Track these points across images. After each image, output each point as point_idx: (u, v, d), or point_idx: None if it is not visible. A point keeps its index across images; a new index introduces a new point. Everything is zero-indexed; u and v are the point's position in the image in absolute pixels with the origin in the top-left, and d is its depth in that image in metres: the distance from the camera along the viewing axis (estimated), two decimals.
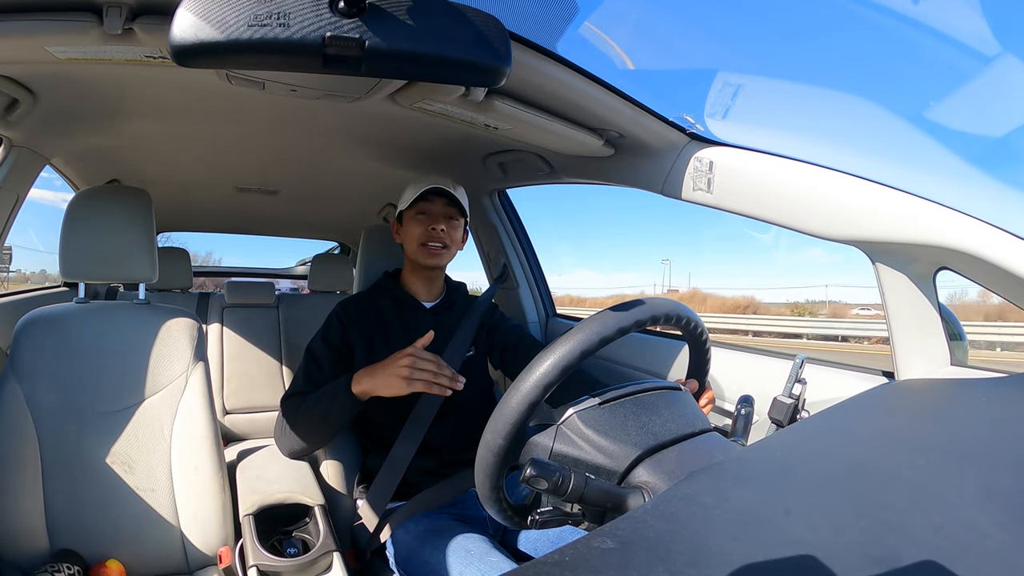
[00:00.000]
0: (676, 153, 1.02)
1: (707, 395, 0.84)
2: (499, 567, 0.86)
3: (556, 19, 0.84)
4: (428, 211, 1.20)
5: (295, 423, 1.11)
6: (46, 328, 1.06)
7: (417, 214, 1.20)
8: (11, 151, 1.11)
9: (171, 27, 0.48)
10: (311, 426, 1.09)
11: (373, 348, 1.16)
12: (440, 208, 1.21)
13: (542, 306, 1.79)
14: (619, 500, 0.55)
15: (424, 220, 1.19)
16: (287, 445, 1.14)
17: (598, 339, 0.59)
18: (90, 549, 0.97)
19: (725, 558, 0.32)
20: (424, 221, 1.19)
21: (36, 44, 0.72)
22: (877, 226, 0.80)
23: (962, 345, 0.88)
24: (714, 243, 58.16)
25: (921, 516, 0.38)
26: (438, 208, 1.20)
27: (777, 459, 0.51)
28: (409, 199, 1.20)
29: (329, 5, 0.51)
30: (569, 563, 0.32)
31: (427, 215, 1.20)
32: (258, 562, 0.97)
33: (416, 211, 1.20)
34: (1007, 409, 0.65)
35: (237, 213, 2.32)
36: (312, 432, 1.11)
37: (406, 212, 1.21)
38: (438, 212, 1.20)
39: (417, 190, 1.19)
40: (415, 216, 1.20)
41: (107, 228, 1.10)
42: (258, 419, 2.07)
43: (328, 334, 1.18)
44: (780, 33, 1.05)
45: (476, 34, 0.57)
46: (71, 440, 1.01)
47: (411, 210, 1.20)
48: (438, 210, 1.20)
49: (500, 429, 0.57)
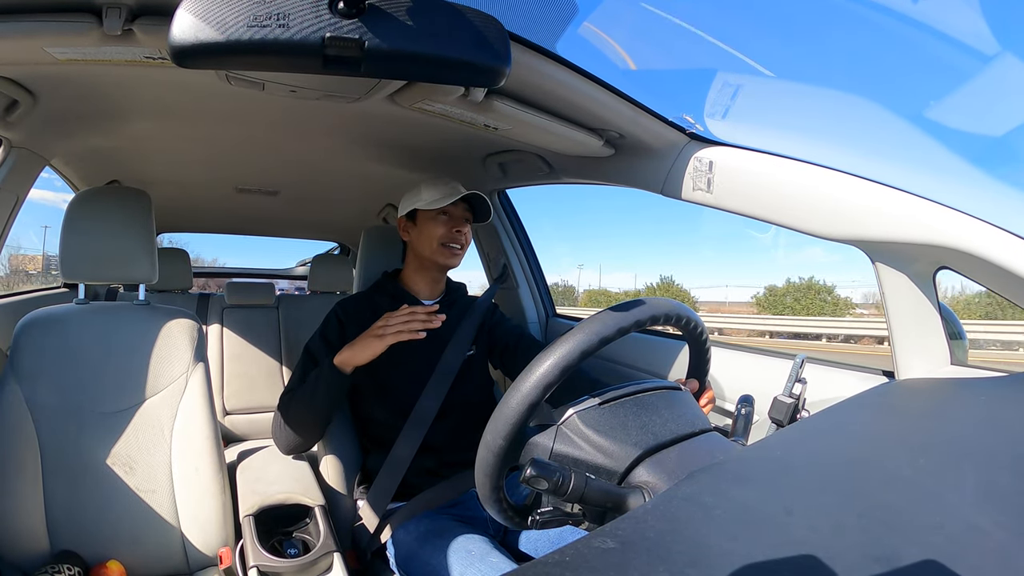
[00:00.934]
0: (676, 153, 1.02)
1: (707, 394, 0.84)
2: (500, 567, 0.86)
3: (556, 19, 0.84)
4: (451, 213, 1.22)
5: (289, 416, 1.13)
6: (46, 329, 1.06)
7: (439, 214, 1.21)
8: (11, 152, 1.11)
9: (171, 28, 0.48)
10: (303, 414, 1.11)
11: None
12: (461, 212, 1.23)
13: (542, 306, 1.79)
14: (619, 500, 0.55)
15: (447, 222, 1.21)
16: (284, 441, 1.15)
17: (598, 339, 0.59)
18: (90, 550, 0.97)
19: (726, 558, 0.32)
20: (447, 223, 1.21)
21: (36, 45, 0.72)
22: (877, 226, 0.80)
23: (962, 344, 0.88)
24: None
25: (921, 515, 0.38)
26: (460, 211, 1.23)
27: (777, 459, 0.51)
28: (433, 200, 1.19)
29: (329, 6, 0.51)
30: (570, 563, 0.32)
31: (450, 216, 1.21)
32: (258, 563, 0.97)
33: (438, 211, 1.21)
34: (1007, 408, 0.65)
35: (237, 214, 2.32)
36: (305, 420, 1.12)
37: (423, 212, 1.21)
38: (460, 215, 1.23)
39: (441, 192, 1.19)
40: (436, 216, 1.21)
41: (107, 229, 1.10)
42: (258, 420, 2.07)
43: (326, 332, 1.18)
44: (780, 33, 1.06)
45: (476, 34, 0.57)
46: (71, 441, 1.01)
47: (431, 210, 1.20)
48: (460, 213, 1.23)
49: (500, 430, 0.57)
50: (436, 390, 1.14)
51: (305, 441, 1.16)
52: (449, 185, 1.21)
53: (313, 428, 1.15)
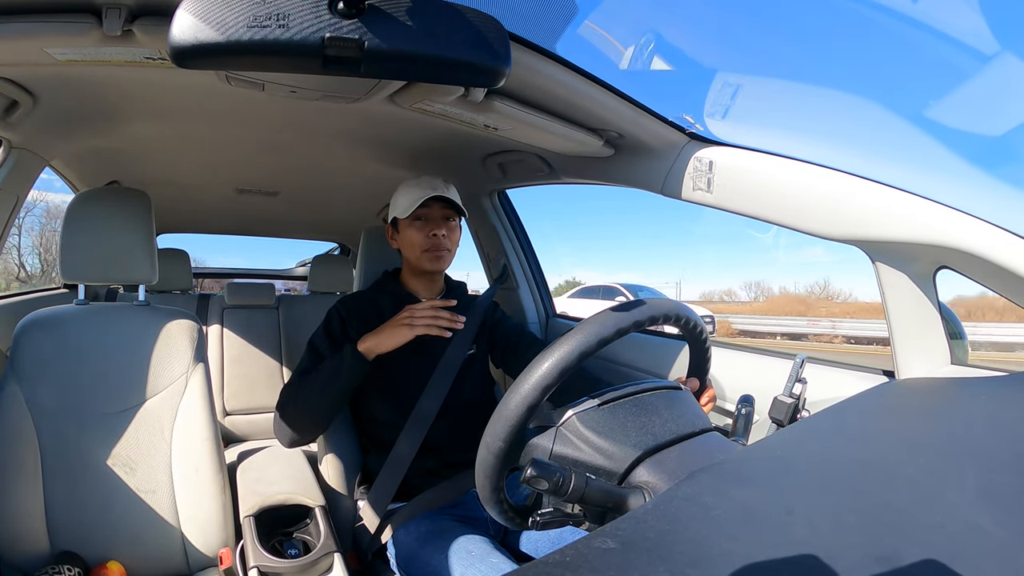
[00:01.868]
0: (676, 153, 1.02)
1: (708, 393, 0.84)
2: (500, 568, 0.86)
3: (556, 19, 0.84)
4: (426, 216, 1.17)
5: (296, 402, 1.08)
6: (46, 330, 1.05)
7: (414, 220, 1.17)
8: (11, 153, 1.11)
9: (170, 28, 0.49)
10: (315, 402, 1.07)
11: None
12: (438, 212, 1.18)
13: (542, 306, 1.79)
14: (620, 500, 0.54)
15: (423, 226, 1.16)
16: (286, 432, 1.10)
17: (596, 340, 0.59)
18: (91, 551, 0.97)
19: (726, 558, 0.32)
20: (423, 227, 1.16)
21: (35, 46, 0.72)
22: (877, 225, 0.80)
23: (962, 344, 0.88)
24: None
25: (922, 515, 0.38)
26: (435, 212, 1.17)
27: (778, 459, 0.51)
28: (406, 207, 1.16)
29: (328, 6, 0.51)
30: (570, 563, 0.32)
31: (425, 220, 1.17)
32: (259, 563, 0.97)
33: (412, 216, 1.16)
34: (1007, 408, 0.65)
35: (237, 214, 2.32)
36: (314, 407, 1.07)
37: (402, 219, 1.19)
38: (436, 216, 1.17)
39: (411, 198, 1.16)
40: (412, 223, 1.17)
41: (107, 230, 1.10)
42: (258, 420, 2.07)
43: (330, 328, 1.17)
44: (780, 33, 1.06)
45: (475, 35, 0.57)
46: (71, 442, 1.01)
47: (407, 216, 1.17)
48: (436, 214, 1.17)
49: (499, 432, 0.57)
50: (437, 390, 1.14)
51: (310, 431, 1.12)
52: (421, 187, 1.16)
53: (321, 418, 1.11)
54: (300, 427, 1.10)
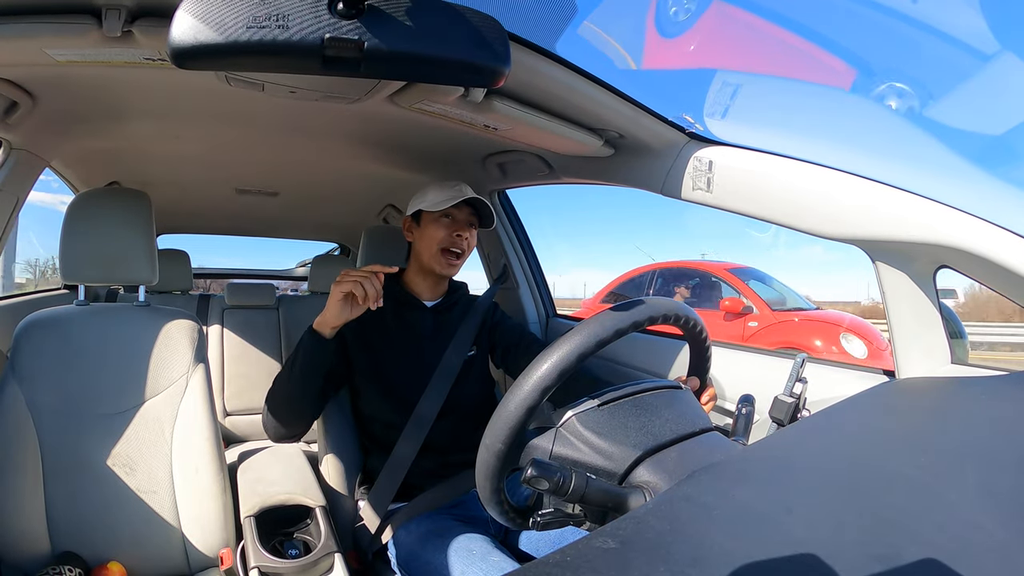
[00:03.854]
0: (676, 153, 1.03)
1: (708, 392, 0.84)
2: (501, 567, 0.86)
3: (556, 19, 0.84)
4: (454, 215, 1.19)
5: (274, 392, 1.09)
6: (46, 331, 1.05)
7: (442, 216, 1.18)
8: (11, 154, 1.11)
9: (170, 29, 0.48)
10: (287, 390, 1.07)
11: (371, 345, 1.16)
12: (466, 216, 1.20)
13: (542, 306, 1.79)
14: (620, 500, 0.54)
15: (449, 224, 1.18)
16: (270, 424, 1.10)
17: (596, 341, 0.59)
18: (91, 551, 0.97)
19: (726, 558, 0.32)
20: (449, 225, 1.18)
21: (35, 46, 0.72)
22: (877, 225, 0.80)
23: (962, 343, 0.88)
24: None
25: (922, 514, 0.38)
26: (464, 215, 1.20)
27: (778, 458, 0.51)
28: (437, 202, 1.16)
29: (328, 6, 0.51)
30: (571, 563, 0.32)
31: (453, 219, 1.19)
32: (259, 563, 0.97)
33: (442, 212, 1.18)
34: (1007, 407, 0.65)
35: (237, 215, 2.32)
36: (287, 394, 1.08)
37: (427, 213, 1.19)
38: (463, 219, 1.19)
39: (445, 195, 1.16)
40: (439, 218, 1.18)
41: (107, 230, 1.10)
42: (259, 421, 2.05)
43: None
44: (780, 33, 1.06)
45: (475, 35, 0.57)
46: (72, 442, 1.01)
47: (435, 212, 1.18)
48: (464, 217, 1.19)
49: (499, 433, 0.57)
50: (437, 390, 1.14)
51: (292, 423, 1.11)
52: (455, 188, 1.19)
53: (297, 406, 1.10)
54: (280, 416, 1.09)
